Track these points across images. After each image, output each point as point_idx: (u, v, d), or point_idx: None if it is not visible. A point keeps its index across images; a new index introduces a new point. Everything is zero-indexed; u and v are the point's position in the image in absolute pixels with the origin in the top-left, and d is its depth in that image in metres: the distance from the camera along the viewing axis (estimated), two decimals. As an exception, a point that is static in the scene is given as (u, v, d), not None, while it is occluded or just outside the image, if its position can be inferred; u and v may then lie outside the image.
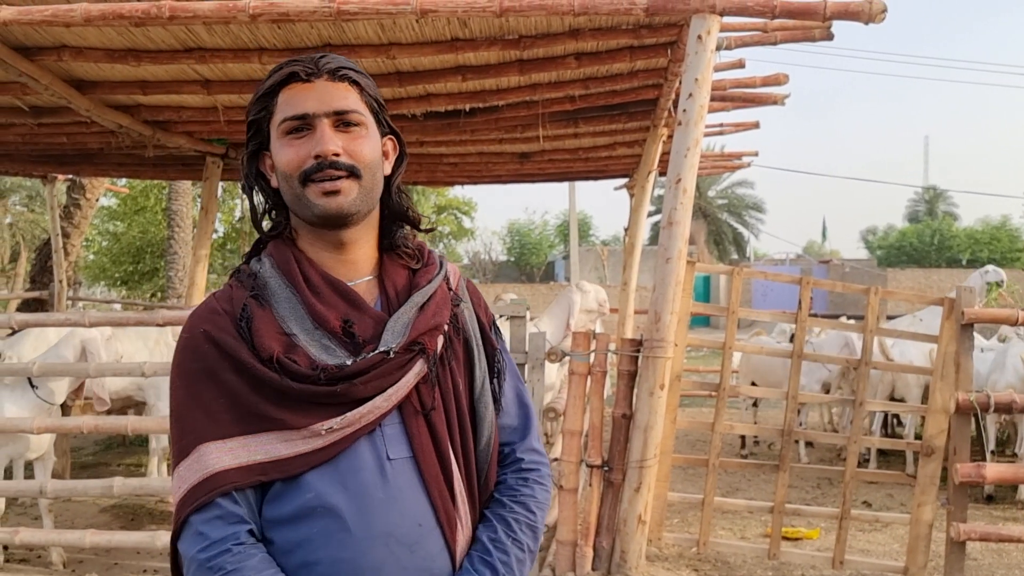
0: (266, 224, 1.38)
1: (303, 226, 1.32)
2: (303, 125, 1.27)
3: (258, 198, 1.38)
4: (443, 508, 1.25)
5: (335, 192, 1.25)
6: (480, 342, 1.40)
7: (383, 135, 1.36)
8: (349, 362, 1.22)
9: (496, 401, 1.40)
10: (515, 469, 1.41)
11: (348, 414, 1.21)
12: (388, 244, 1.37)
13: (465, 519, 1.29)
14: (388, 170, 1.38)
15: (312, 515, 1.19)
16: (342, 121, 1.28)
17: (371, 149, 1.31)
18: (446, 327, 1.33)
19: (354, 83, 1.31)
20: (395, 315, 1.29)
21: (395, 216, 1.38)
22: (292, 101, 1.28)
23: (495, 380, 1.41)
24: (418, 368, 1.26)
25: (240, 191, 18.96)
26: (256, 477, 1.19)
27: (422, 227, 1.42)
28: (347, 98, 1.29)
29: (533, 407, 1.51)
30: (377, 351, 1.24)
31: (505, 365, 1.45)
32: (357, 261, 1.34)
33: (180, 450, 1.23)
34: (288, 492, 1.20)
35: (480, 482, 1.36)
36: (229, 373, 1.22)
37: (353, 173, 1.27)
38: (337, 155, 1.25)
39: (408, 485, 1.23)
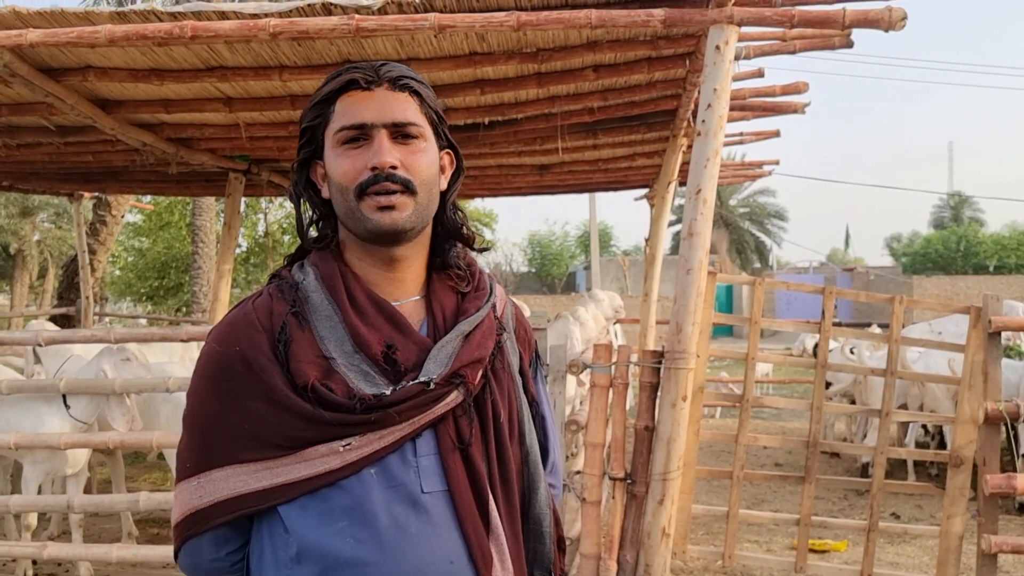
0: (312, 234, 1.33)
1: (352, 239, 1.28)
2: (360, 135, 1.22)
3: (305, 207, 1.32)
4: (477, 545, 1.20)
5: (390, 207, 1.21)
6: (518, 377, 1.37)
7: (441, 148, 1.31)
8: (388, 391, 1.18)
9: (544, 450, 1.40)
10: None
11: (369, 434, 1.17)
12: (440, 263, 1.32)
13: (504, 557, 1.23)
14: (444, 185, 1.32)
15: (341, 545, 1.16)
16: (401, 133, 1.23)
17: (428, 164, 1.26)
18: (488, 358, 1.28)
19: (415, 93, 1.26)
20: (439, 344, 1.24)
21: (449, 233, 1.33)
22: (350, 110, 1.23)
23: (535, 420, 1.39)
24: (452, 398, 1.21)
25: (264, 205, 19.17)
26: (273, 500, 1.18)
27: (476, 246, 1.36)
28: (407, 109, 1.24)
29: (558, 445, 1.49)
30: (417, 381, 1.19)
31: (543, 409, 1.43)
32: (405, 280, 1.29)
33: (191, 466, 1.22)
34: (315, 515, 1.17)
35: (543, 525, 1.34)
36: (259, 400, 1.18)
37: (408, 188, 1.22)
38: (395, 168, 1.21)
39: (441, 520, 1.19)
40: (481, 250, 1.38)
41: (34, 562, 4.89)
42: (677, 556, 4.60)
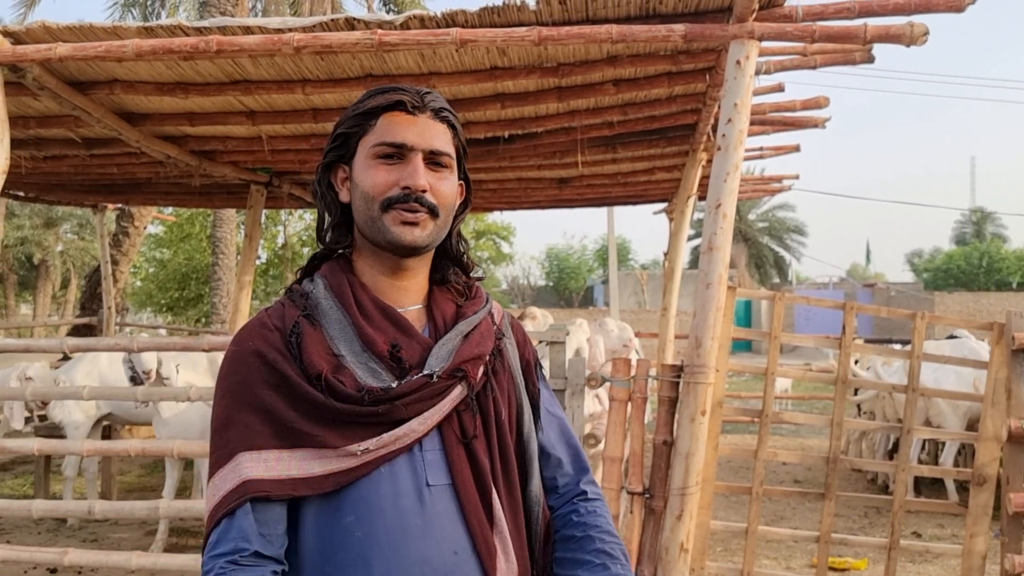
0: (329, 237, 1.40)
1: (366, 245, 1.35)
2: (397, 154, 1.30)
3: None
4: (481, 536, 1.24)
5: (414, 224, 1.29)
6: (522, 379, 1.42)
7: (458, 179, 1.40)
8: (394, 385, 1.24)
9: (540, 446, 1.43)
10: (583, 498, 1.44)
11: (384, 435, 1.22)
12: (440, 278, 1.41)
13: (508, 549, 1.28)
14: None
15: (349, 538, 1.20)
16: (434, 161, 1.32)
17: (452, 192, 1.35)
18: (488, 358, 1.34)
19: (451, 126, 1.36)
20: (440, 342, 1.30)
21: (450, 259, 1.42)
22: (393, 128, 1.31)
23: (538, 422, 1.43)
24: (456, 393, 1.27)
25: (283, 218, 19.32)
26: (287, 491, 1.20)
27: (472, 275, 1.45)
28: (444, 139, 1.33)
29: (580, 445, 1.52)
30: (421, 375, 1.25)
31: (545, 406, 1.46)
32: (410, 289, 1.36)
33: (216, 460, 1.24)
34: (327, 512, 1.21)
35: (531, 519, 1.37)
36: (272, 389, 1.23)
37: (433, 212, 1.30)
38: (425, 191, 1.29)
39: (446, 512, 1.24)
40: (477, 279, 1.46)
41: (54, 570, 4.94)
42: (695, 572, 4.56)
